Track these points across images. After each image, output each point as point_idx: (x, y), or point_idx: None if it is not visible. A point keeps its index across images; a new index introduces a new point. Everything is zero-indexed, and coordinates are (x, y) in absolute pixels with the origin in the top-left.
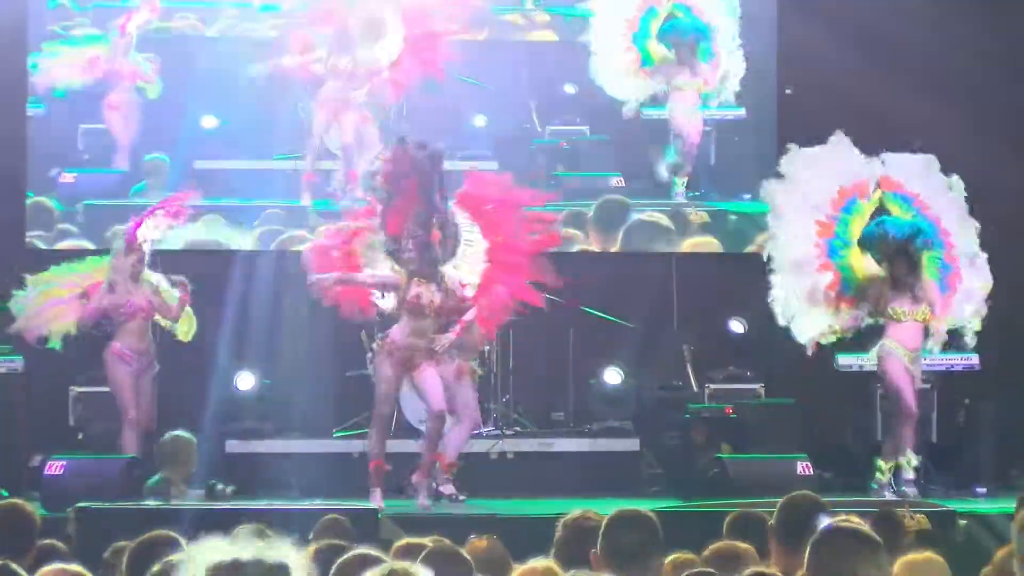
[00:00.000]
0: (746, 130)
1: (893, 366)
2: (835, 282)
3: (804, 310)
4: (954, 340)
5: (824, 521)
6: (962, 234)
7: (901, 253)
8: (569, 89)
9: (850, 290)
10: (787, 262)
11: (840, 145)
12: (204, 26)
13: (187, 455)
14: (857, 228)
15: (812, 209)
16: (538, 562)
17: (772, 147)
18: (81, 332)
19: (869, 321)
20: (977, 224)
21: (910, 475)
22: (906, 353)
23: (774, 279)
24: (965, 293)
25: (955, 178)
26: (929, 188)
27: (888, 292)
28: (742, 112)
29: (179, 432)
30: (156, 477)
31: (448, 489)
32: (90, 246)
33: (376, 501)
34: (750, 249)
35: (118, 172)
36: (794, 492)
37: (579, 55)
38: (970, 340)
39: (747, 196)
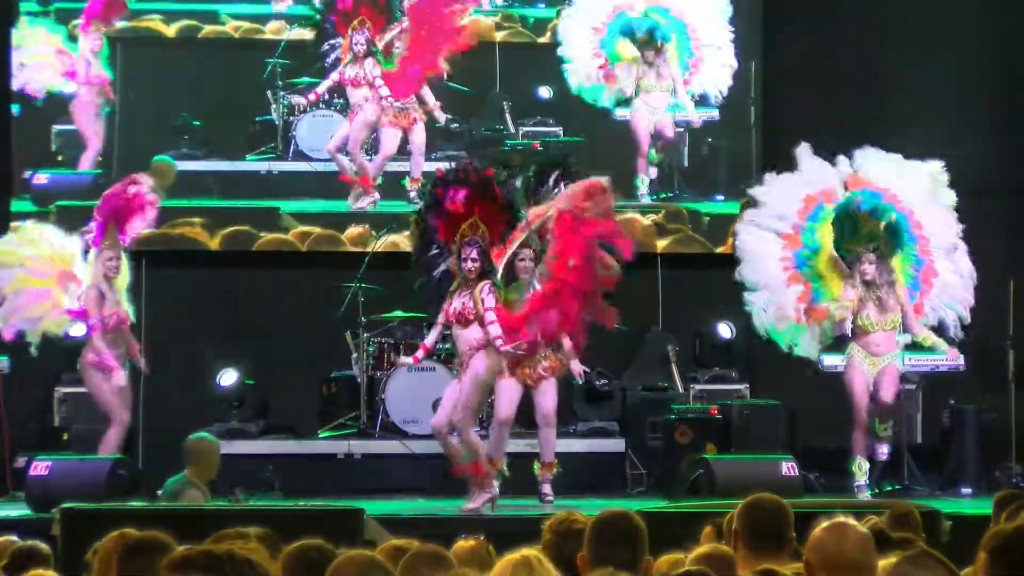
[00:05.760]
0: (720, 131)
1: (851, 375)
2: (806, 293)
3: (776, 328)
4: (939, 334)
5: None
6: (941, 224)
7: (873, 238)
8: (543, 91)
9: (822, 298)
10: (758, 285)
11: (806, 158)
12: (166, 27)
13: (211, 456)
14: (825, 234)
15: (778, 223)
16: (527, 550)
17: (748, 147)
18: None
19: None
20: (953, 213)
21: (860, 481)
22: (868, 358)
23: (748, 302)
24: (942, 286)
25: (933, 164)
26: (903, 179)
27: (858, 300)
28: (715, 114)
29: (203, 433)
30: (177, 476)
31: (545, 489)
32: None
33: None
34: (722, 249)
35: (92, 173)
36: (757, 494)
37: (552, 56)
38: (955, 333)
39: (720, 197)
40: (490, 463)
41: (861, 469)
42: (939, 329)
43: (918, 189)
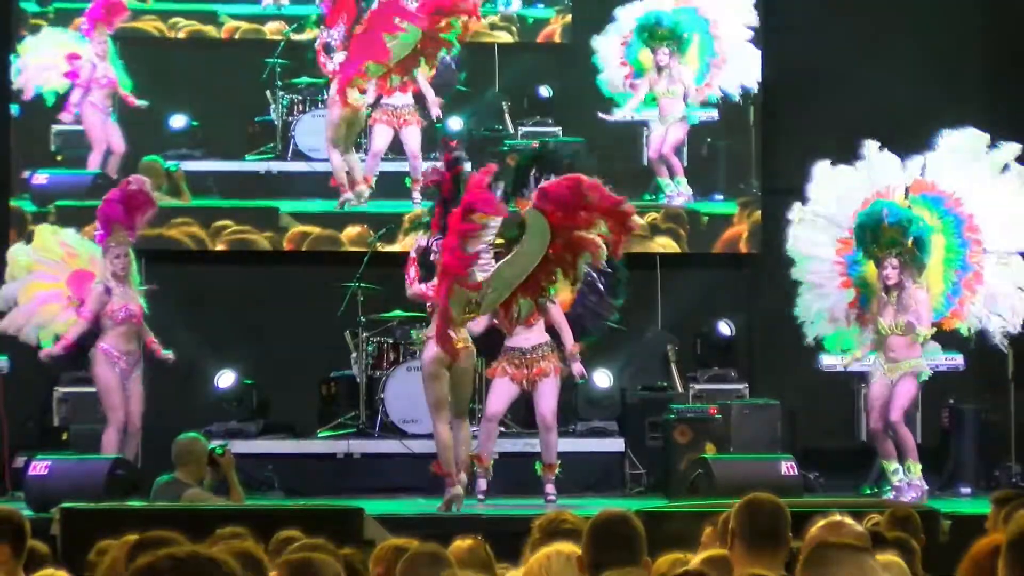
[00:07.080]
0: (719, 131)
1: (872, 381)
2: (856, 299)
3: (829, 330)
4: (981, 342)
5: None
6: (1009, 228)
7: (894, 244)
8: (543, 91)
9: (867, 304)
10: (809, 283)
11: (874, 154)
12: (168, 29)
13: (202, 457)
14: None
15: (834, 228)
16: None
17: (747, 147)
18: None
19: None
20: None
21: (895, 482)
22: (887, 364)
23: (799, 301)
24: (990, 295)
25: (1006, 148)
26: (978, 173)
27: (878, 305)
28: (714, 113)
29: (193, 433)
30: (167, 476)
31: (549, 488)
32: None
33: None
34: (720, 249)
35: (91, 173)
36: (754, 494)
37: (552, 57)
38: (999, 341)
39: (719, 197)
40: (477, 459)
41: (893, 471)
42: (982, 336)
43: (1000, 190)
